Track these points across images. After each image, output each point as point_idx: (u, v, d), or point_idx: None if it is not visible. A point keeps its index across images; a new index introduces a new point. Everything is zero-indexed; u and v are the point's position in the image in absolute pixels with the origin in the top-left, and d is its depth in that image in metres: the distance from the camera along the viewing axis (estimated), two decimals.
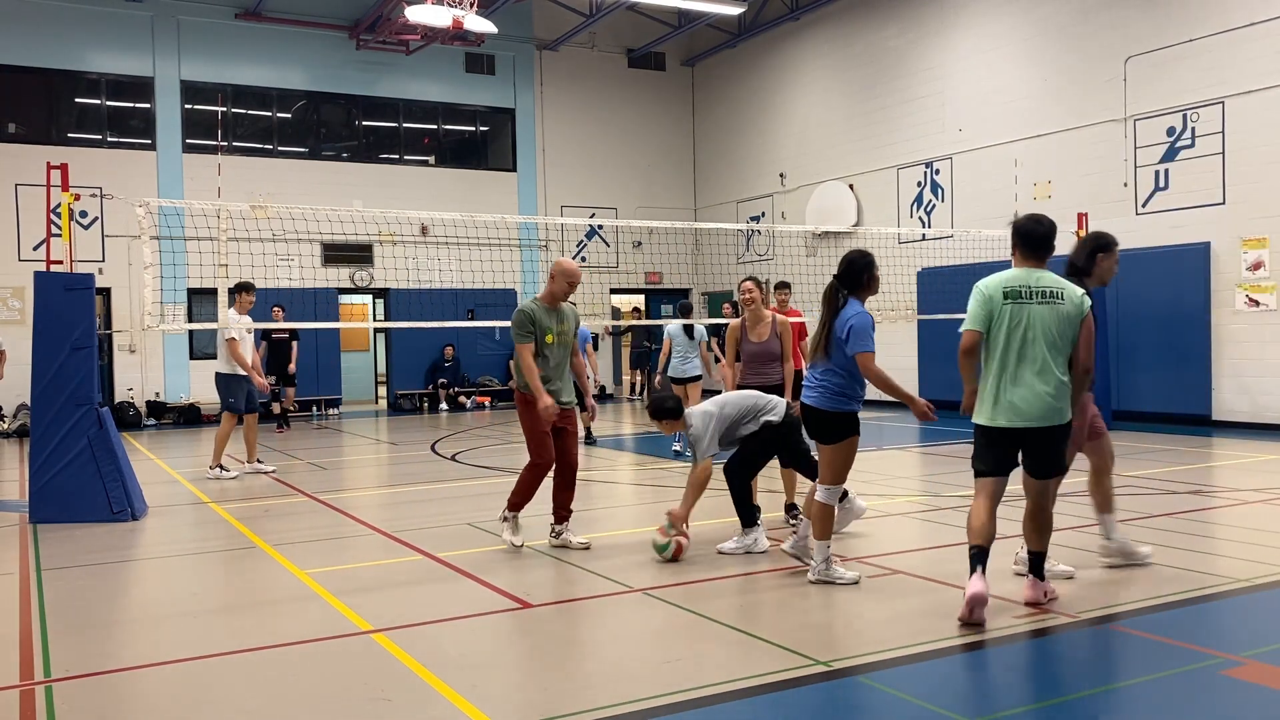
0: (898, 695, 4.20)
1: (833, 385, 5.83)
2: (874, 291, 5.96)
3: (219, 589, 6.41)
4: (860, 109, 19.91)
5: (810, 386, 5.93)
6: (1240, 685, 4.25)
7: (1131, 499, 8.39)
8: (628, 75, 23.78)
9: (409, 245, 20.69)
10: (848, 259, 5.97)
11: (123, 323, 18.35)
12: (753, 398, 6.90)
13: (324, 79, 20.82)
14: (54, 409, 8.50)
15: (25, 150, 17.86)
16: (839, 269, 5.95)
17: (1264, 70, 13.49)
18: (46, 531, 8.07)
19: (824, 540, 5.90)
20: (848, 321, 5.73)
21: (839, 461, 5.91)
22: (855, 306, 5.82)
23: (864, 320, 5.74)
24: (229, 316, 10.74)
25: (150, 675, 4.66)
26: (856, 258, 5.97)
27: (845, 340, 5.71)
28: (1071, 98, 15.90)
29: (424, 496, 9.86)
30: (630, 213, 22.84)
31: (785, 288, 11.83)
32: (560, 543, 7.11)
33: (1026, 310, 5.23)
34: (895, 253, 17.89)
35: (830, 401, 5.83)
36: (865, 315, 5.76)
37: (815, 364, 5.91)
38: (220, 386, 11.21)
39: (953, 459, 11.46)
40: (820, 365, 5.86)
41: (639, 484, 10.53)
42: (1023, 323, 5.20)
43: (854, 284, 5.91)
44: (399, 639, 5.05)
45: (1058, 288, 5.32)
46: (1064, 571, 5.85)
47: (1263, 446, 11.62)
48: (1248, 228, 13.72)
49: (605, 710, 4.03)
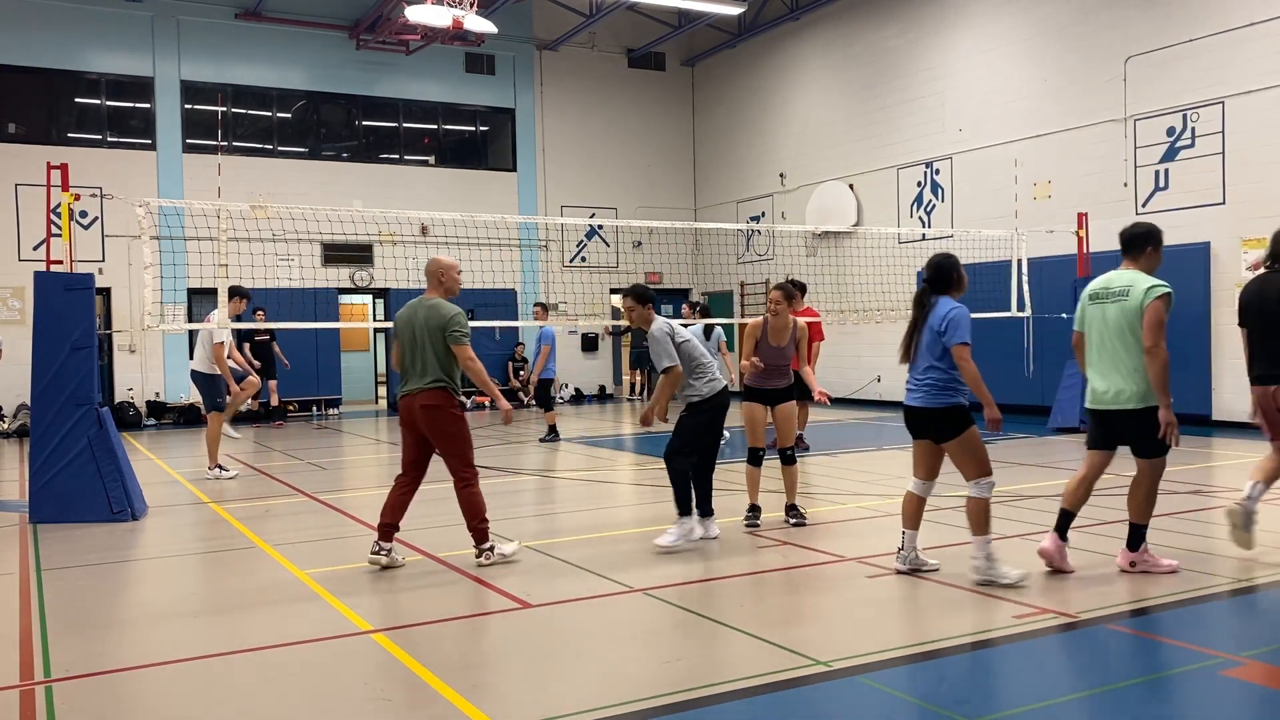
0: (898, 695, 4.20)
1: (936, 381, 5.86)
2: (963, 290, 6.02)
3: (219, 589, 6.41)
4: (860, 109, 19.90)
5: (913, 388, 5.97)
6: (1240, 685, 4.25)
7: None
8: (628, 75, 23.77)
9: (409, 245, 20.68)
10: (934, 263, 6.05)
11: (123, 323, 18.35)
12: (705, 356, 7.11)
13: (324, 79, 20.82)
14: (54, 409, 8.50)
15: (25, 150, 17.87)
16: (928, 273, 6.04)
17: (1264, 70, 13.49)
18: (46, 531, 8.06)
19: (984, 536, 5.81)
20: (945, 316, 5.81)
21: (974, 452, 5.86)
22: (949, 302, 5.90)
23: (962, 312, 5.83)
24: (215, 319, 10.76)
25: (150, 675, 4.66)
26: (942, 260, 6.04)
27: (943, 333, 5.78)
28: (1071, 98, 15.89)
29: (424, 496, 9.80)
30: (630, 213, 22.84)
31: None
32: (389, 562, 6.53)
33: (1102, 309, 5.99)
34: (895, 253, 17.89)
35: (937, 398, 5.85)
36: (962, 308, 5.87)
37: (914, 365, 5.99)
38: (201, 386, 11.25)
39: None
40: (919, 365, 5.94)
41: (639, 484, 10.53)
42: (1098, 320, 5.98)
43: (945, 285, 5.99)
44: (399, 639, 5.05)
45: (1127, 285, 5.92)
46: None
47: (1263, 447, 11.57)
48: (1248, 228, 13.71)
49: (605, 710, 4.03)
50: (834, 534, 7.45)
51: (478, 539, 6.61)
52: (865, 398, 19.47)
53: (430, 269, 6.77)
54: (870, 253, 18.20)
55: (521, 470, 11.57)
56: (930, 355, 5.87)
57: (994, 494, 5.89)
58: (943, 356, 5.82)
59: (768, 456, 7.94)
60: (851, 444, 13.28)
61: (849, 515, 8.16)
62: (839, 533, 7.49)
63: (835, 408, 18.39)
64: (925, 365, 5.89)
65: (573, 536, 7.58)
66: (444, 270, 6.76)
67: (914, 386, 5.97)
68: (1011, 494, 8.78)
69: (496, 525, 7.65)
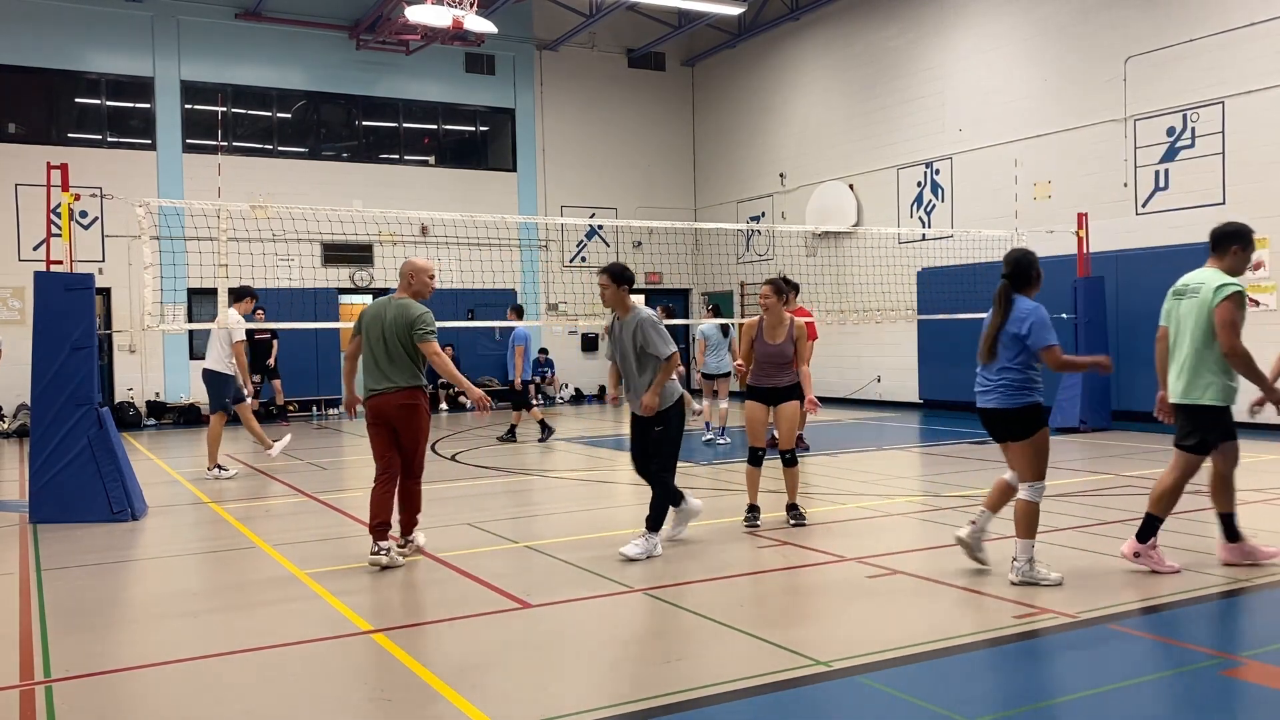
0: (898, 695, 4.20)
1: (1012, 381, 5.85)
2: (1039, 287, 6.04)
3: (219, 589, 6.41)
4: (860, 109, 19.91)
5: (987, 389, 5.94)
6: (1240, 685, 4.25)
7: (1132, 499, 8.40)
8: (628, 75, 23.78)
9: (409, 245, 20.69)
10: (1014, 259, 5.99)
11: (123, 323, 18.34)
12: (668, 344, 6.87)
13: (324, 79, 20.82)
14: (54, 409, 8.50)
15: (25, 150, 17.86)
16: (1007, 269, 5.97)
17: (1264, 70, 13.49)
18: (46, 531, 8.06)
19: (1029, 540, 5.82)
20: (1025, 319, 5.80)
21: (1037, 455, 5.87)
22: (1027, 303, 5.89)
23: (1042, 315, 5.84)
24: (231, 317, 10.81)
25: (150, 675, 4.66)
26: (1021, 256, 6.01)
27: (1026, 336, 5.77)
28: (1071, 98, 15.90)
29: (424, 496, 9.85)
30: (630, 213, 22.84)
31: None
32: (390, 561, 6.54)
33: (1179, 304, 6.19)
34: (895, 253, 17.90)
35: (1013, 398, 5.85)
36: (1042, 309, 5.88)
37: (987, 365, 5.95)
38: (211, 385, 11.22)
39: (952, 459, 11.46)
40: (994, 365, 5.90)
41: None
42: (1175, 315, 6.19)
43: (1024, 281, 5.95)
44: (399, 639, 5.05)
45: (1199, 283, 6.12)
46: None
47: (1263, 446, 11.61)
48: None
49: (605, 710, 4.03)
50: (834, 534, 7.45)
51: (407, 530, 6.94)
52: (865, 398, 19.47)
53: (403, 269, 7.03)
54: (870, 253, 18.20)
55: (521, 470, 11.57)
56: (1006, 356, 5.84)
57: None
58: (1018, 357, 5.82)
59: (767, 457, 7.93)
60: (851, 444, 13.28)
61: (849, 515, 8.15)
62: (839, 533, 7.49)
63: (835, 407, 18.40)
64: (1000, 366, 5.87)
65: (572, 536, 7.58)
66: (415, 272, 6.99)
67: (988, 387, 5.94)
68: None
69: (496, 525, 7.66)
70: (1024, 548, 5.81)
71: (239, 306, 11.10)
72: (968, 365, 18.35)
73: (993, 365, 5.91)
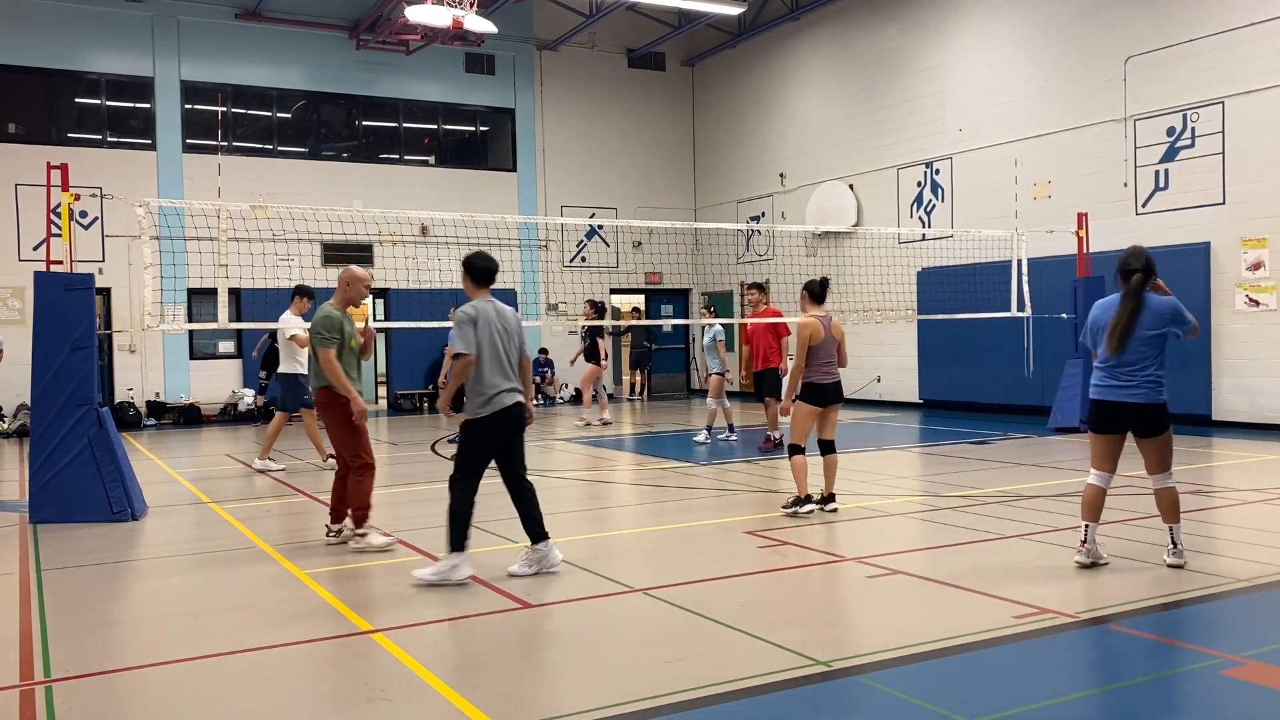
0: (898, 695, 4.20)
1: (1159, 378, 6.03)
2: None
3: (219, 589, 6.41)
4: (860, 109, 19.90)
5: (1130, 385, 6.02)
6: (1240, 685, 4.25)
7: (1132, 499, 8.39)
8: (628, 75, 23.77)
9: (409, 245, 20.69)
10: (1145, 255, 6.09)
11: (123, 323, 18.35)
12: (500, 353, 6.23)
13: (324, 79, 20.81)
14: (54, 409, 8.50)
15: (25, 150, 17.86)
16: (1139, 264, 6.03)
17: (1264, 70, 13.49)
18: (46, 531, 8.06)
19: (1177, 524, 6.15)
20: (1174, 314, 6.01)
21: (1170, 447, 6.12)
22: (1163, 299, 6.06)
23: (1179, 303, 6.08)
24: (287, 319, 11.30)
25: (150, 675, 4.66)
26: (1142, 250, 6.13)
27: (1184, 326, 6.01)
28: (1071, 98, 15.89)
29: (424, 496, 9.87)
30: (630, 213, 22.83)
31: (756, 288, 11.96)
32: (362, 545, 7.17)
33: None
34: (895, 253, 17.90)
35: (1159, 394, 6.04)
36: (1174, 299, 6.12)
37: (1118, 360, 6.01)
38: (284, 386, 11.59)
39: (952, 459, 11.46)
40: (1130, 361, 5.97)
41: (639, 484, 10.53)
42: None
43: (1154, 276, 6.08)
44: (399, 639, 5.05)
45: None
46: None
47: (1263, 446, 11.62)
48: (1248, 228, 13.72)
49: (605, 710, 4.03)
50: (834, 534, 7.45)
51: (358, 522, 7.25)
52: (865, 398, 19.47)
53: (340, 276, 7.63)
54: (870, 253, 18.21)
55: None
56: (1148, 353, 5.97)
57: (998, 494, 5.91)
58: (1160, 354, 5.97)
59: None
60: (851, 444, 13.27)
61: (849, 515, 8.15)
62: (839, 533, 7.49)
63: None
64: (1143, 361, 5.97)
65: (572, 536, 7.57)
66: (349, 280, 7.59)
67: (1131, 383, 6.01)
68: (1012, 494, 8.77)
69: (497, 525, 7.66)
70: (1178, 530, 6.11)
71: (295, 305, 11.48)
72: (968, 365, 18.37)
73: (1127, 361, 5.99)
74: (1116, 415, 6.08)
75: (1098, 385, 6.16)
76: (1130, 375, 6.01)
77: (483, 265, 6.47)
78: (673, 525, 7.99)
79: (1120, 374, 6.04)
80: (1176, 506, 6.15)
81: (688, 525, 7.91)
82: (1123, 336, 5.96)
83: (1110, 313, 6.10)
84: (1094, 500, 6.19)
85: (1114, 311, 6.06)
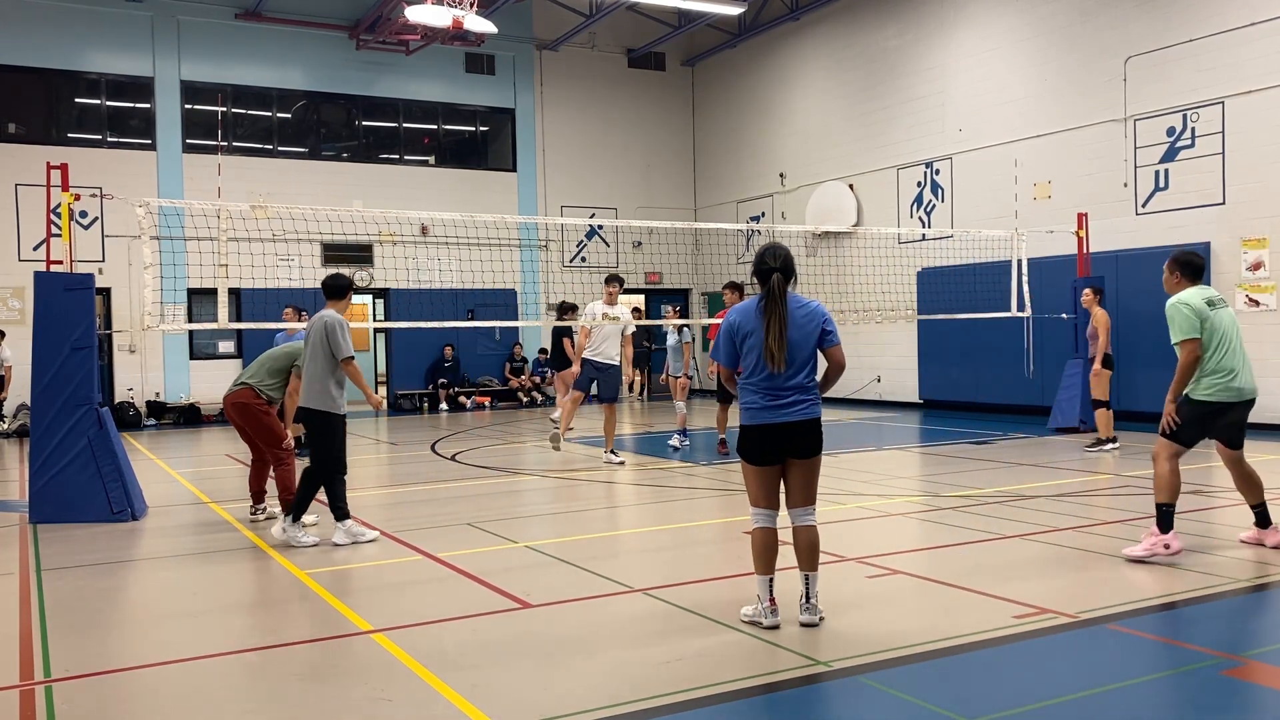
0: (898, 695, 4.20)
1: (814, 386, 5.43)
2: None
3: (219, 589, 6.41)
4: (860, 109, 19.90)
5: (787, 403, 5.15)
6: (1240, 685, 4.25)
7: (1132, 499, 8.40)
8: (628, 75, 23.77)
9: (409, 245, 20.68)
10: (774, 250, 5.28)
11: (123, 323, 18.35)
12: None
13: (324, 79, 20.81)
14: (54, 409, 8.50)
15: (25, 150, 17.86)
16: (775, 262, 5.19)
17: (1264, 70, 13.49)
18: (46, 531, 8.07)
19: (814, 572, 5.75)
20: (816, 305, 5.52)
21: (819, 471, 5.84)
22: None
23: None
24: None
25: (150, 675, 4.66)
26: (779, 246, 5.35)
27: (832, 321, 5.65)
28: (1071, 98, 15.89)
29: (424, 496, 9.87)
30: (630, 213, 22.83)
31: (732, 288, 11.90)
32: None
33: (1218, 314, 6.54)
34: (895, 253, 17.90)
35: (820, 407, 5.64)
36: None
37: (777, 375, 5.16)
38: None
39: (952, 459, 11.46)
40: (789, 373, 5.16)
41: (639, 484, 10.53)
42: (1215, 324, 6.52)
43: (791, 272, 5.34)
44: (399, 639, 5.05)
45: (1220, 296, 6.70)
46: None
47: (1263, 446, 11.61)
48: (1248, 228, 13.72)
49: (605, 710, 4.04)
50: (834, 534, 7.45)
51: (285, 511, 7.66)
52: (865, 397, 19.47)
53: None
54: (870, 253, 18.21)
55: (521, 470, 11.57)
56: (807, 357, 5.23)
57: (998, 494, 5.90)
58: (815, 358, 5.27)
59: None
60: (851, 444, 13.28)
61: (849, 515, 8.15)
62: (839, 533, 7.49)
63: (835, 407, 18.38)
64: (800, 373, 5.19)
65: (573, 536, 7.58)
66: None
67: (789, 400, 5.14)
68: (1012, 494, 8.77)
69: (497, 525, 7.65)
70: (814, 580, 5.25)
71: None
72: (968, 365, 18.37)
73: (785, 376, 5.16)
74: (779, 440, 5.15)
75: (753, 409, 5.15)
76: (787, 391, 5.12)
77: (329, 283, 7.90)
78: (673, 525, 7.99)
79: (779, 392, 5.13)
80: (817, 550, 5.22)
81: (688, 525, 7.91)
82: (783, 351, 5.06)
83: (754, 320, 5.16)
84: (768, 547, 5.16)
85: (759, 320, 5.12)
